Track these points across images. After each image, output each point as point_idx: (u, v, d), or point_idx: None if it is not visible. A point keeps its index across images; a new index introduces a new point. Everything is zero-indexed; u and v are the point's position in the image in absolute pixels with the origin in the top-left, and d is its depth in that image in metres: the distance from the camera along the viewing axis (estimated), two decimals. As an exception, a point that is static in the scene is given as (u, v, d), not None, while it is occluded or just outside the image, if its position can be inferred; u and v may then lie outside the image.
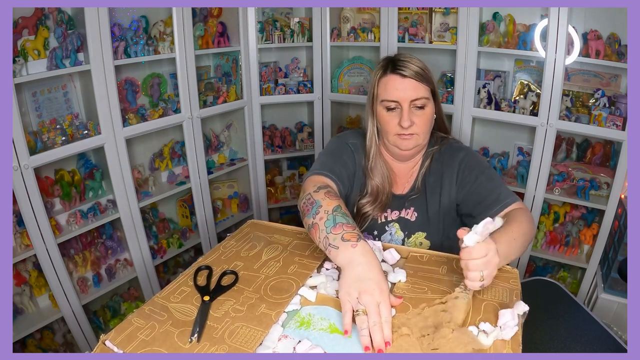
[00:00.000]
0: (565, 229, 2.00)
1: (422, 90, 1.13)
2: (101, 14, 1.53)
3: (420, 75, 1.12)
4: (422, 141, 1.17)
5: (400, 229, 1.23)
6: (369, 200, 1.22)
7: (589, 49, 1.69)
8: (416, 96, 1.12)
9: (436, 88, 1.20)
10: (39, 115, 1.61)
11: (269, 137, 2.39)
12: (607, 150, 1.88)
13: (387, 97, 1.13)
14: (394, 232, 1.24)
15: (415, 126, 1.13)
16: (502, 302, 0.80)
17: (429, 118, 1.16)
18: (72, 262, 1.77)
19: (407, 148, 1.16)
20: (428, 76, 1.15)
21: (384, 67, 1.16)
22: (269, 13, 2.19)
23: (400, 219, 1.23)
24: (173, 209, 2.21)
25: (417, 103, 1.12)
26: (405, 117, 1.11)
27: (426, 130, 1.17)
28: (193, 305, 0.82)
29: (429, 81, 1.15)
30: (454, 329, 0.71)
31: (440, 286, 0.86)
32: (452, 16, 1.94)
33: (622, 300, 1.68)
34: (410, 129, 1.13)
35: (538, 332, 1.17)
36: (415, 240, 1.22)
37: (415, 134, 1.14)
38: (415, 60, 1.15)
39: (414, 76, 1.12)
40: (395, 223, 1.24)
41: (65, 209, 1.69)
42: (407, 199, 1.23)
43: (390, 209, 1.24)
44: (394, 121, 1.14)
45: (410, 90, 1.12)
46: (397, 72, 1.12)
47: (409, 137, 1.14)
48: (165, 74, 1.97)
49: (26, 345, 1.67)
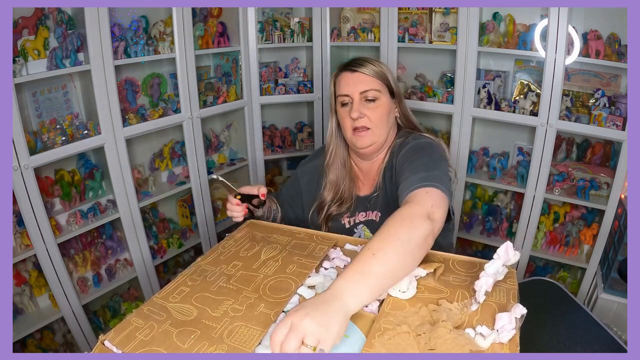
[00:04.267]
0: (565, 229, 2.00)
1: (372, 84, 1.17)
2: (101, 14, 1.53)
3: (371, 70, 1.18)
4: (377, 138, 1.19)
5: (369, 230, 1.23)
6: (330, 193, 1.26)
7: (589, 49, 1.69)
8: (365, 88, 1.17)
9: (396, 87, 1.23)
10: (39, 115, 1.61)
11: (269, 137, 2.39)
12: (607, 150, 1.88)
13: (340, 92, 1.20)
14: (362, 235, 1.23)
15: (366, 119, 1.16)
16: (500, 302, 0.80)
17: (382, 112, 1.18)
18: (72, 262, 1.77)
19: (363, 146, 1.19)
20: (382, 73, 1.19)
21: (339, 68, 1.23)
22: (269, 13, 2.19)
23: (368, 221, 1.23)
24: (173, 209, 2.21)
25: (367, 95, 1.17)
26: (354, 107, 1.16)
27: (380, 125, 1.18)
28: (192, 305, 0.82)
29: (382, 77, 1.19)
30: (451, 330, 0.71)
31: (438, 285, 0.86)
32: (452, 16, 1.94)
33: (622, 300, 1.68)
34: (361, 121, 1.16)
35: (538, 333, 1.17)
36: None
37: (369, 128, 1.17)
38: (371, 60, 1.21)
39: (364, 71, 1.17)
40: (364, 225, 1.24)
41: (65, 209, 1.69)
42: (370, 199, 1.23)
43: (357, 212, 1.25)
44: (346, 114, 1.19)
45: (359, 84, 1.17)
46: (348, 68, 1.20)
47: (363, 133, 1.17)
48: (165, 74, 1.97)
49: (26, 345, 1.67)
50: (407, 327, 0.73)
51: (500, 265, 0.80)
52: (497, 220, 2.14)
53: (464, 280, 0.87)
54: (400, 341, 0.71)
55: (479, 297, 0.78)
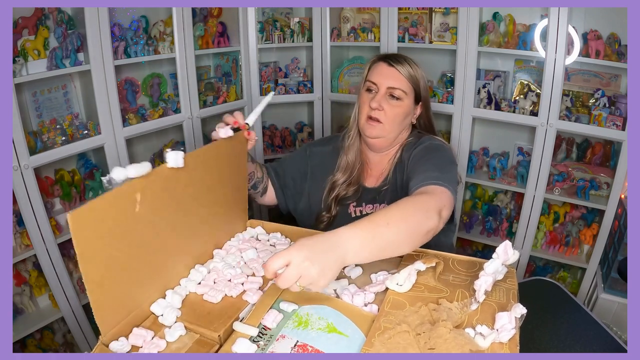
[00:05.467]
0: (565, 229, 2.00)
1: (402, 83, 1.19)
2: (101, 14, 1.53)
3: (406, 71, 1.20)
4: (386, 134, 1.21)
5: None
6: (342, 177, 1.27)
7: (589, 49, 1.69)
8: (393, 85, 1.18)
9: (425, 94, 1.24)
10: (39, 115, 1.61)
11: (269, 137, 2.39)
12: (607, 150, 1.88)
13: (369, 78, 1.22)
14: None
15: (383, 113, 1.18)
16: (499, 301, 0.80)
17: (400, 112, 1.20)
18: (72, 262, 1.77)
19: (371, 135, 1.21)
20: (415, 78, 1.21)
21: (378, 57, 1.25)
22: (269, 13, 2.19)
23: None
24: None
25: (394, 92, 1.19)
26: (376, 98, 1.19)
27: (393, 123, 1.20)
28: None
29: (414, 81, 1.21)
30: (451, 329, 0.71)
31: (438, 285, 0.86)
32: (452, 16, 1.94)
33: (622, 300, 1.68)
34: (377, 112, 1.18)
35: (538, 332, 1.17)
36: None
37: (382, 122, 1.19)
38: (410, 61, 1.22)
39: (400, 69, 1.19)
40: None
41: (66, 209, 1.69)
42: (379, 191, 1.25)
43: (364, 203, 1.26)
44: (368, 101, 1.21)
45: (390, 78, 1.19)
46: (386, 60, 1.22)
47: (375, 124, 1.19)
48: (165, 74, 1.97)
49: (26, 345, 1.67)
50: (407, 326, 0.73)
51: (500, 265, 0.80)
52: (497, 220, 2.14)
53: (463, 280, 0.87)
54: (400, 340, 0.71)
55: (478, 297, 0.78)
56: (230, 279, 0.90)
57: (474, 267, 0.90)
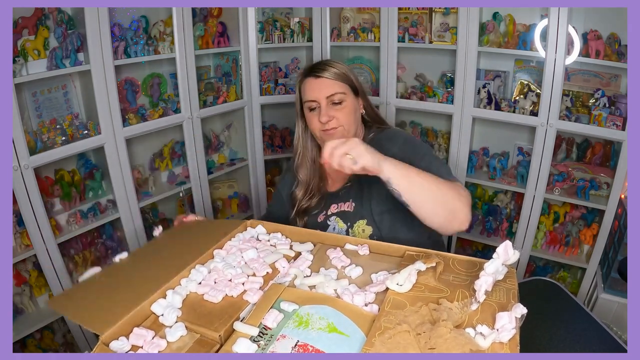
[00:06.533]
0: (565, 229, 2.00)
1: (336, 87, 1.21)
2: (101, 14, 1.53)
3: (334, 74, 1.22)
4: (347, 134, 1.24)
5: (342, 221, 1.25)
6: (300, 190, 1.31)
7: (589, 49, 1.69)
8: (330, 92, 1.21)
9: (359, 85, 1.27)
10: (39, 115, 1.61)
11: (269, 137, 2.39)
12: (607, 150, 1.88)
13: (306, 98, 1.24)
14: (336, 225, 1.26)
15: (335, 120, 1.21)
16: (500, 301, 0.80)
17: (349, 111, 1.23)
18: (72, 262, 1.77)
19: None
20: (344, 75, 1.24)
21: (303, 73, 1.27)
22: (269, 13, 2.19)
23: (340, 212, 1.26)
24: (173, 209, 2.21)
25: (333, 99, 1.21)
26: (322, 112, 1.20)
27: (349, 122, 1.23)
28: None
29: (345, 79, 1.24)
30: (451, 329, 0.71)
31: (438, 285, 0.86)
32: (452, 16, 1.94)
33: (622, 300, 1.68)
34: (330, 123, 1.21)
35: (538, 332, 1.17)
36: (357, 229, 1.23)
37: (339, 126, 1.21)
38: (332, 63, 1.25)
39: (328, 75, 1.22)
40: (337, 217, 1.26)
41: (65, 209, 1.69)
42: (343, 190, 1.27)
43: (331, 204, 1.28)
44: (315, 119, 1.23)
45: (324, 88, 1.21)
46: (312, 74, 1.23)
47: (333, 131, 1.22)
48: (165, 74, 1.98)
49: (26, 345, 1.67)
50: (407, 326, 0.73)
51: (500, 265, 0.80)
52: (497, 220, 2.14)
53: (464, 280, 0.87)
54: (401, 340, 0.71)
55: (479, 297, 0.78)
56: (230, 279, 0.90)
57: (474, 267, 0.90)
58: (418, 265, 0.86)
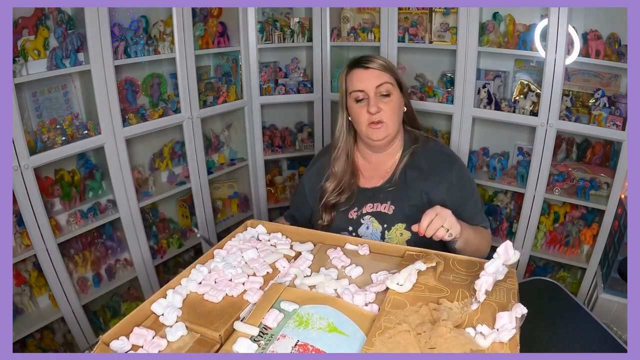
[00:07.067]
0: (565, 229, 2.00)
1: (385, 77, 1.22)
2: (101, 14, 1.53)
3: (382, 66, 1.23)
4: (391, 131, 1.24)
5: (377, 222, 1.24)
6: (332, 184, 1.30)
7: (589, 49, 1.69)
8: (379, 82, 1.21)
9: (403, 81, 1.27)
10: (39, 115, 1.61)
11: (269, 137, 2.39)
12: (607, 150, 1.88)
13: (354, 88, 1.23)
14: (370, 225, 1.25)
15: (382, 113, 1.21)
16: (500, 301, 0.80)
17: (396, 106, 1.24)
18: (72, 262, 1.77)
19: (378, 138, 1.23)
20: (391, 67, 1.25)
21: (350, 65, 1.27)
22: (269, 13, 2.19)
23: (377, 212, 1.25)
24: (173, 209, 2.21)
25: (381, 90, 1.21)
26: (372, 103, 1.20)
27: (394, 119, 1.24)
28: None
29: (392, 71, 1.24)
30: (452, 329, 0.71)
31: (438, 284, 0.86)
32: (452, 16, 1.94)
33: (622, 300, 1.68)
34: (378, 115, 1.21)
35: (538, 332, 1.17)
36: (395, 232, 1.23)
37: (384, 122, 1.21)
38: (378, 56, 1.26)
39: (376, 67, 1.22)
40: (371, 217, 1.25)
41: (65, 209, 1.69)
42: (382, 190, 1.26)
43: (365, 203, 1.26)
44: (363, 111, 1.22)
45: (373, 79, 1.21)
46: (360, 65, 1.24)
47: (379, 126, 1.22)
48: (165, 74, 1.98)
49: (26, 345, 1.67)
50: (407, 325, 0.73)
51: (500, 265, 0.80)
52: (497, 220, 2.14)
53: (464, 280, 0.87)
54: (401, 340, 0.71)
55: (479, 297, 0.78)
56: (231, 279, 0.90)
57: (475, 267, 0.90)
58: (418, 265, 0.86)
